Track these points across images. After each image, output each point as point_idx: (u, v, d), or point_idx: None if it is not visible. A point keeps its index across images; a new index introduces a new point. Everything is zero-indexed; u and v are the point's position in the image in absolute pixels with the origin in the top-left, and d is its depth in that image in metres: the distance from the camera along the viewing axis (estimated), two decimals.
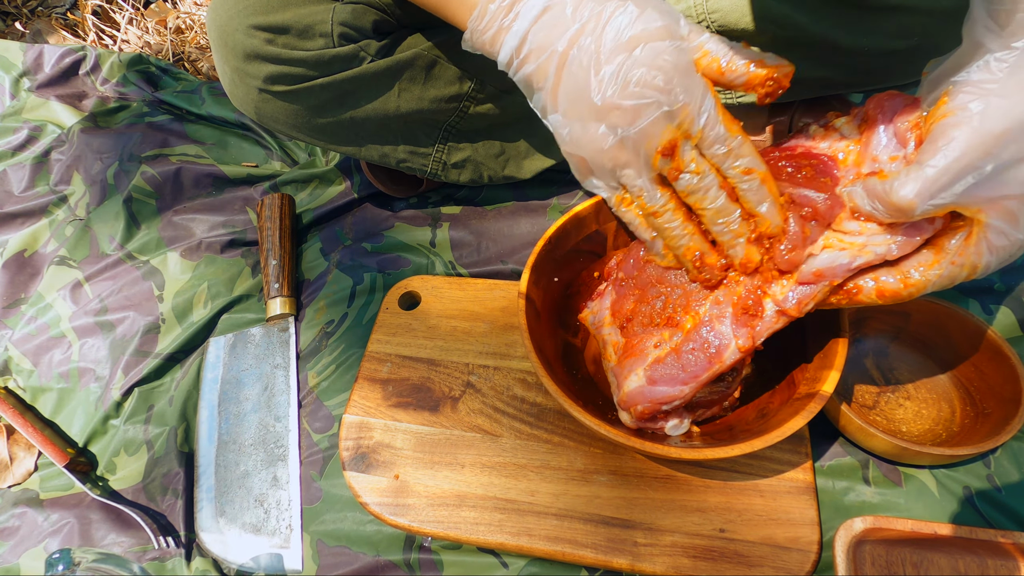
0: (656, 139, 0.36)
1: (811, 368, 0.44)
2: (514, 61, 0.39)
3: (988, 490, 0.49)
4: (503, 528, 0.49)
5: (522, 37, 0.37)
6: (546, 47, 0.37)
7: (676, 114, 0.35)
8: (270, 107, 0.57)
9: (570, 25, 0.36)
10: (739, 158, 0.36)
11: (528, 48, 0.37)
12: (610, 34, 0.35)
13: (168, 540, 0.55)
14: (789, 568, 0.45)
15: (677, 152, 0.36)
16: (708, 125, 0.36)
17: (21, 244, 0.79)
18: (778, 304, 0.39)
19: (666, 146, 0.36)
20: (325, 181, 0.79)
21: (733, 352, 0.40)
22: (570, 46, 0.36)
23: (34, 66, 0.96)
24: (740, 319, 0.40)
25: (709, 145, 0.36)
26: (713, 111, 0.36)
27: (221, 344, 0.67)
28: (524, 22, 0.37)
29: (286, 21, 0.52)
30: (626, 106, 0.35)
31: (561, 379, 0.46)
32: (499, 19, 0.38)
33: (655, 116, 0.35)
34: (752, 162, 0.36)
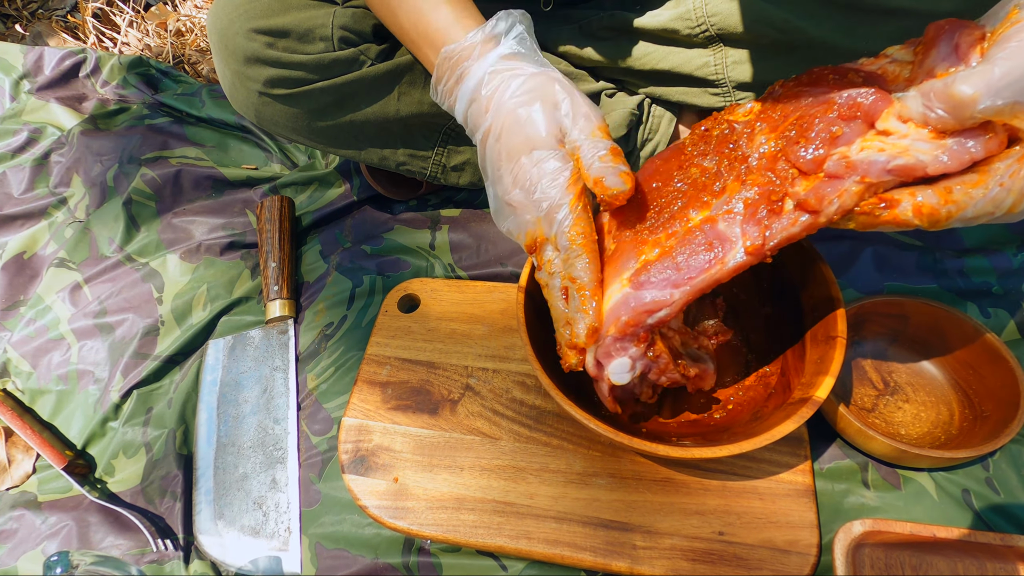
0: (525, 237, 0.43)
1: (807, 373, 0.44)
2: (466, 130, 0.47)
3: (987, 493, 0.49)
4: (502, 531, 0.49)
5: (463, 115, 0.46)
6: (475, 130, 0.45)
7: (537, 221, 0.42)
8: (270, 110, 0.57)
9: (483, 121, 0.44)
10: (572, 267, 0.41)
11: (468, 124, 0.46)
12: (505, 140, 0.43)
13: (166, 543, 0.55)
14: (788, 571, 0.45)
15: (539, 249, 0.43)
16: (558, 235, 0.41)
17: (20, 246, 0.79)
18: (798, 200, 0.34)
19: (529, 245, 0.43)
20: (325, 184, 0.79)
21: (738, 253, 0.36)
22: (485, 138, 0.44)
23: (34, 68, 0.96)
24: (753, 217, 0.36)
25: (559, 250, 0.42)
26: (566, 223, 0.41)
27: (220, 346, 0.67)
28: (462, 104, 0.46)
29: (286, 25, 0.52)
30: (513, 202, 0.43)
31: (557, 375, 0.46)
32: (447, 98, 0.47)
33: (525, 218, 0.43)
34: (579, 273, 0.40)
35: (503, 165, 0.43)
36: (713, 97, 0.62)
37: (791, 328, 0.48)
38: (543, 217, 0.42)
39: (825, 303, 0.45)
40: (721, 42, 0.59)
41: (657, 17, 0.59)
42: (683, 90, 0.63)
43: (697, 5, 0.58)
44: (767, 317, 0.52)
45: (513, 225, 0.44)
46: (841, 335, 0.42)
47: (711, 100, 0.62)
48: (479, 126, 0.44)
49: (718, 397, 0.51)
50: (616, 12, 0.61)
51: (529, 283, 0.49)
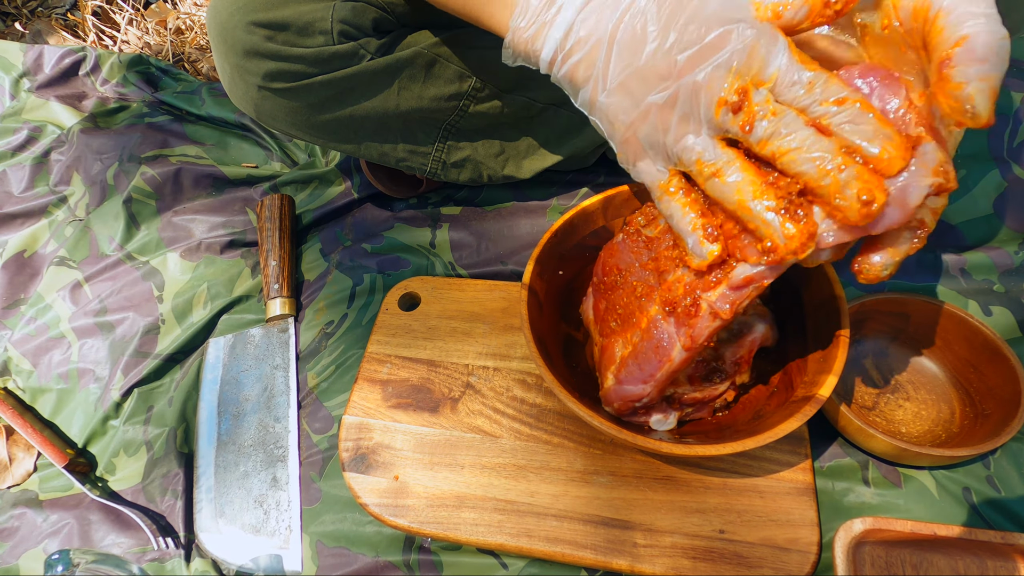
0: (719, 89, 0.31)
1: (810, 372, 0.44)
2: (558, 57, 0.36)
3: (987, 491, 0.49)
4: (503, 529, 0.49)
5: (567, 28, 0.35)
6: (594, 32, 0.34)
7: (742, 56, 0.30)
8: (269, 105, 0.57)
9: (619, 4, 0.33)
10: (826, 90, 0.30)
11: (574, 38, 0.35)
12: (670, 8, 0.32)
13: (167, 541, 0.55)
14: (789, 569, 0.45)
15: (749, 99, 0.31)
16: (783, 66, 0.30)
17: (21, 245, 0.79)
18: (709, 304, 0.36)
19: (734, 94, 0.31)
20: (325, 182, 0.79)
21: (679, 353, 0.39)
22: (619, 23, 0.33)
23: (34, 67, 0.96)
24: (680, 318, 0.38)
25: (787, 87, 0.30)
26: (786, 49, 0.30)
27: (221, 345, 0.67)
28: (569, 12, 0.35)
29: (286, 18, 0.52)
30: (683, 59, 0.31)
31: (560, 371, 0.46)
32: (542, 14, 0.36)
33: (718, 62, 0.31)
34: (843, 91, 0.30)
35: (662, 35, 0.32)
36: None
37: (794, 327, 0.48)
38: (748, 49, 0.30)
39: (828, 301, 0.44)
40: None
41: None
42: None
43: None
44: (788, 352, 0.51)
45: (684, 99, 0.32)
46: (845, 333, 0.42)
47: None
48: (611, 15, 0.34)
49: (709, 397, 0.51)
50: None
51: (532, 279, 0.49)
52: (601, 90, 0.36)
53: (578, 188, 0.72)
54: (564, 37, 0.36)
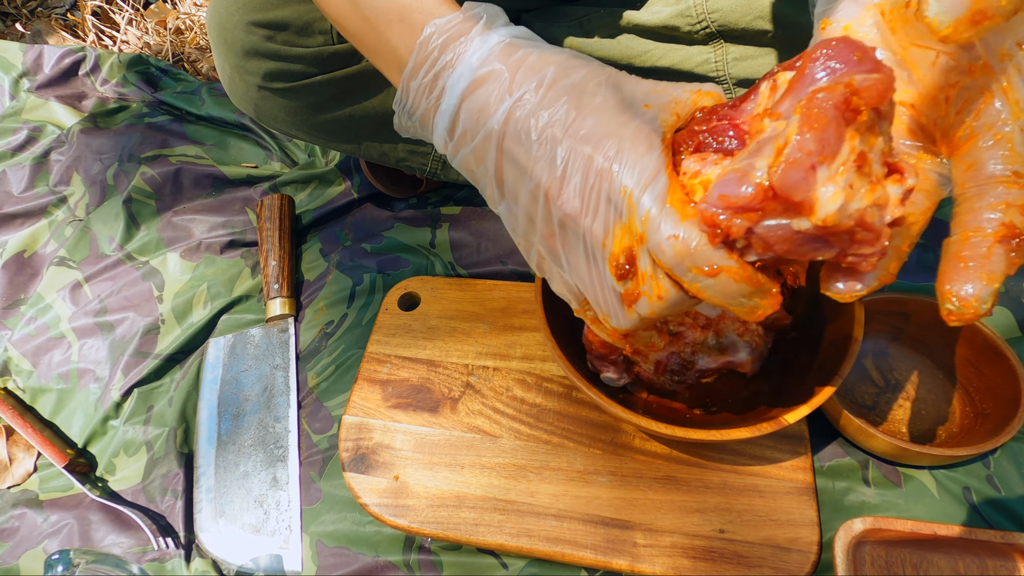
0: (608, 243, 0.28)
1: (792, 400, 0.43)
2: (448, 145, 0.33)
3: (987, 491, 0.49)
4: (503, 529, 0.49)
5: (452, 117, 0.31)
6: (480, 124, 0.30)
7: (622, 207, 0.27)
8: (269, 104, 0.57)
9: (505, 97, 0.29)
10: (694, 257, 0.26)
11: (460, 128, 0.31)
12: (552, 106, 0.29)
13: (168, 541, 0.55)
14: (789, 569, 0.45)
15: (635, 265, 0.28)
16: (650, 223, 0.26)
17: (21, 245, 0.79)
18: None
19: (619, 262, 0.28)
20: (325, 182, 0.79)
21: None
22: (507, 122, 0.29)
23: (34, 67, 0.96)
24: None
25: (656, 253, 0.27)
26: (657, 193, 0.27)
27: (221, 345, 0.67)
28: (452, 98, 0.31)
29: (285, 18, 0.52)
30: (571, 192, 0.28)
31: (560, 324, 0.47)
32: (423, 98, 0.32)
33: (600, 214, 0.28)
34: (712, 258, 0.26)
35: (546, 153, 0.29)
36: None
37: (808, 357, 0.47)
38: (622, 192, 0.27)
39: (843, 340, 0.43)
40: (722, 39, 0.59)
41: (657, 14, 0.59)
42: None
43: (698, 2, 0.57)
44: (788, 341, 0.50)
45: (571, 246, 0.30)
46: (840, 374, 0.41)
47: None
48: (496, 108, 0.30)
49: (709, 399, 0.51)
50: (616, 9, 0.61)
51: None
52: (498, 198, 0.32)
53: None
54: (450, 126, 0.32)
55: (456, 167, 0.34)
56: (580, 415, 0.54)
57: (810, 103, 0.23)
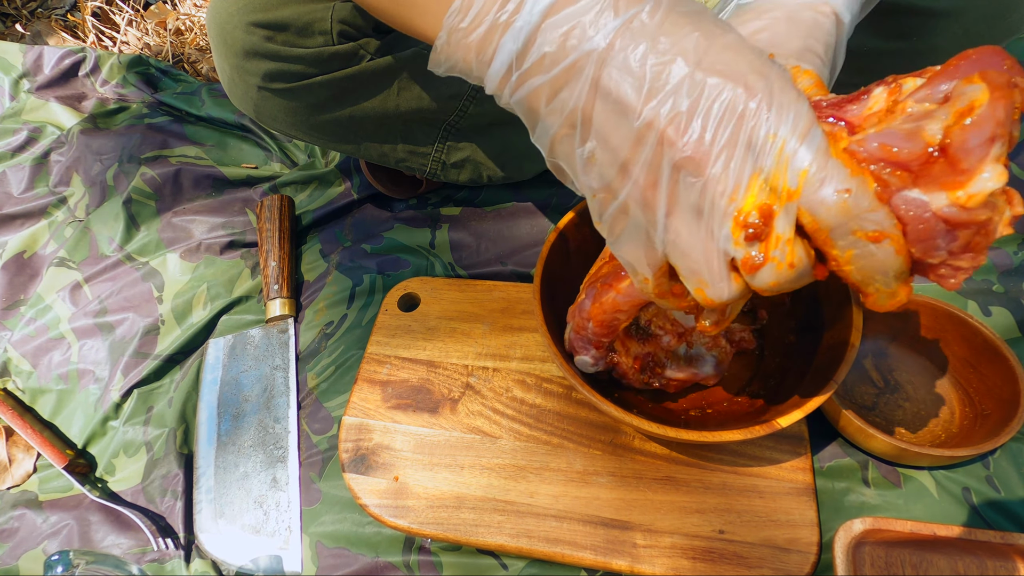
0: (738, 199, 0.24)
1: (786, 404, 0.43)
2: (514, 73, 0.26)
3: (987, 491, 0.49)
4: (502, 529, 0.49)
5: (529, 35, 0.25)
6: (571, 49, 0.24)
7: (772, 155, 0.23)
8: (269, 105, 0.57)
9: (608, 21, 0.24)
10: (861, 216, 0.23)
11: (538, 51, 0.25)
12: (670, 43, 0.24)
13: (167, 542, 0.55)
14: (788, 569, 0.45)
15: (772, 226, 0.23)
16: (812, 178, 0.23)
17: (20, 245, 0.79)
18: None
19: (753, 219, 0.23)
20: (325, 182, 0.79)
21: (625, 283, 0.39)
22: (611, 45, 0.24)
23: (34, 67, 0.96)
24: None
25: (816, 204, 0.23)
26: (816, 146, 0.23)
27: (220, 345, 0.67)
28: (531, 15, 0.25)
29: (285, 18, 0.52)
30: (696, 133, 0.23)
31: (561, 321, 0.47)
32: (492, 11, 0.26)
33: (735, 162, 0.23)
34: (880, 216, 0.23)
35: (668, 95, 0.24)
36: None
37: (805, 362, 0.47)
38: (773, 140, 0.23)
39: (840, 345, 0.43)
40: None
41: None
42: None
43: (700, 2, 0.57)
44: (787, 345, 0.51)
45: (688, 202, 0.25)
46: (836, 380, 0.41)
47: None
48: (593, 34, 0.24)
49: (705, 401, 0.51)
50: None
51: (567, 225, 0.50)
52: (577, 141, 0.26)
53: None
54: (523, 48, 0.25)
55: (510, 105, 0.28)
56: (580, 416, 0.54)
57: (995, 76, 0.22)
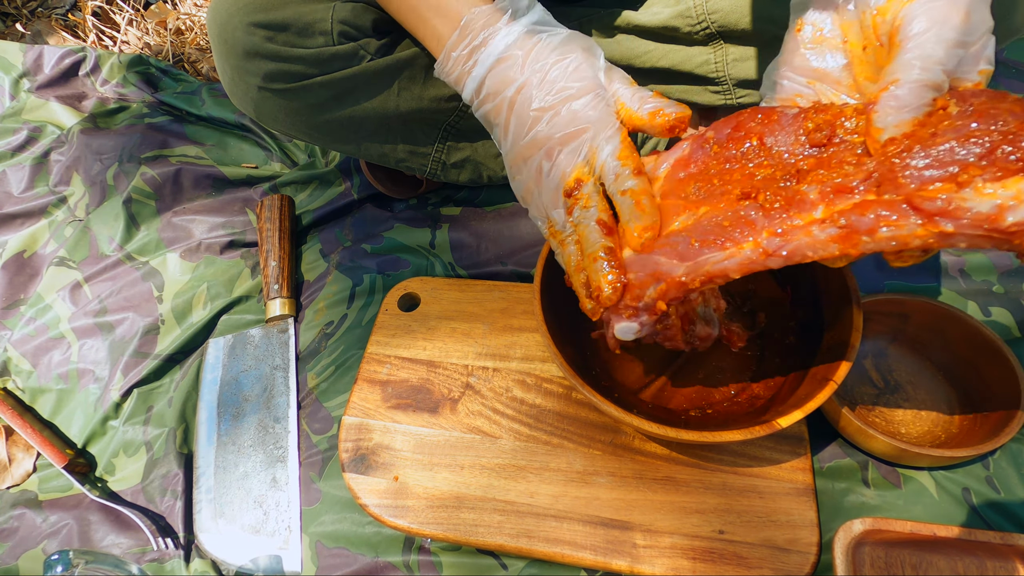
0: (563, 179, 0.41)
1: (786, 404, 0.43)
2: (475, 100, 0.45)
3: (987, 492, 0.49)
4: (502, 530, 0.49)
5: (479, 82, 0.44)
6: (499, 92, 0.43)
7: (585, 152, 0.41)
8: (269, 105, 0.57)
9: (518, 76, 0.42)
10: (625, 183, 0.39)
11: (485, 91, 0.44)
12: (547, 88, 0.42)
13: (167, 541, 0.55)
14: (788, 569, 0.45)
15: (580, 187, 0.41)
16: (608, 161, 0.40)
17: (20, 245, 0.79)
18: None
19: (571, 184, 0.41)
20: (325, 182, 0.79)
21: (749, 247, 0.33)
22: (517, 93, 0.43)
23: (34, 67, 0.96)
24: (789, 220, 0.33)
25: (607, 180, 0.40)
26: (614, 147, 0.40)
27: (220, 345, 0.67)
28: (481, 69, 0.44)
29: (286, 19, 0.52)
30: (553, 144, 0.41)
31: (560, 321, 0.47)
32: (461, 64, 0.45)
33: (567, 152, 0.41)
34: (634, 183, 0.39)
35: (540, 116, 0.42)
36: (713, 95, 0.62)
37: (805, 362, 0.47)
38: (589, 145, 0.40)
39: (840, 346, 0.43)
40: (721, 39, 0.59)
41: (657, 15, 0.59)
42: (684, 88, 0.63)
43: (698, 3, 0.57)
44: (787, 346, 0.51)
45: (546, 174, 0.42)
46: (836, 380, 0.41)
47: (711, 98, 0.62)
48: (511, 83, 0.43)
49: (705, 402, 0.51)
50: (616, 10, 0.61)
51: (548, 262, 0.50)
52: (504, 142, 0.44)
53: None
54: (478, 88, 0.44)
55: (477, 116, 0.46)
56: (580, 416, 0.54)
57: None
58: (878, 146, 0.33)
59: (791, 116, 0.36)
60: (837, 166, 0.33)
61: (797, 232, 0.32)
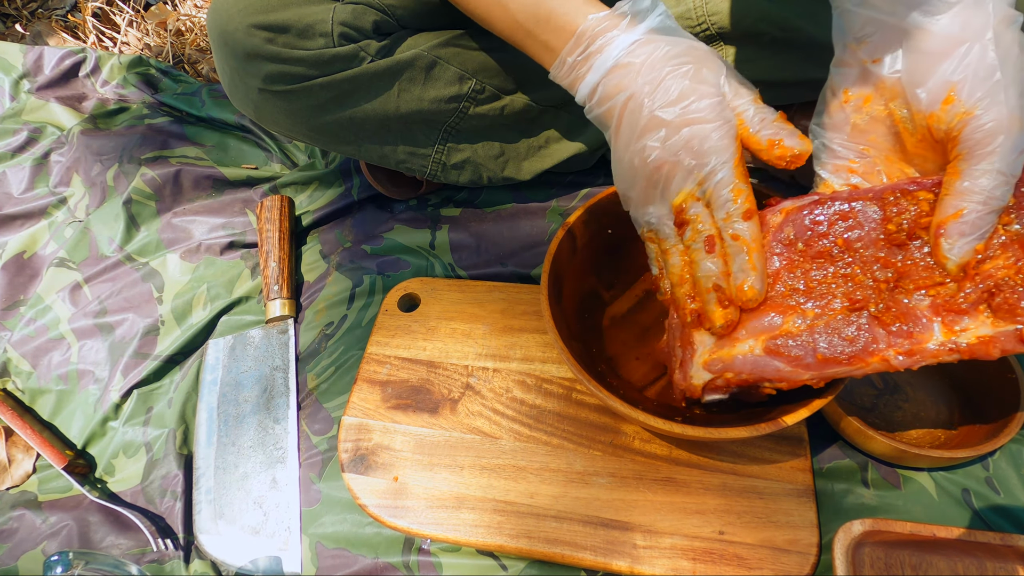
0: (676, 193, 0.40)
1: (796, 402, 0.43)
2: (587, 103, 0.44)
3: (987, 493, 0.49)
4: (502, 530, 0.49)
5: (593, 87, 0.42)
6: (613, 96, 0.42)
7: (696, 176, 0.39)
8: (270, 107, 0.57)
9: (631, 85, 0.40)
10: (734, 224, 0.39)
11: (599, 95, 0.42)
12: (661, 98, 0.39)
13: (167, 542, 0.55)
14: (788, 570, 0.45)
15: (687, 208, 0.40)
16: (717, 189, 0.39)
17: (20, 246, 0.79)
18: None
19: (679, 204, 0.40)
20: (325, 183, 0.79)
21: (877, 362, 0.37)
22: (628, 100, 0.41)
23: (34, 68, 0.96)
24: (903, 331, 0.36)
25: (715, 209, 0.39)
26: (726, 177, 0.38)
27: (220, 346, 0.67)
28: (596, 75, 0.42)
29: (286, 20, 0.52)
30: (664, 160, 0.40)
31: (566, 318, 0.47)
32: (576, 70, 0.43)
33: (680, 173, 0.39)
34: (744, 230, 0.38)
35: (651, 126, 0.39)
36: None
37: None
38: (701, 171, 0.39)
39: None
40: (721, 41, 0.59)
41: None
42: None
43: (697, 4, 0.58)
44: None
45: (655, 189, 0.41)
46: (843, 381, 0.41)
47: None
48: (623, 90, 0.41)
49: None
50: None
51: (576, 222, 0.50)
52: (615, 146, 0.43)
53: (578, 190, 0.72)
54: (591, 92, 0.43)
55: (590, 117, 0.44)
56: (580, 416, 0.54)
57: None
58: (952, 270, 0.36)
59: (870, 215, 0.39)
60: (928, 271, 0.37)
61: (923, 351, 0.36)
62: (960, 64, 0.34)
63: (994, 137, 0.33)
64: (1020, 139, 0.33)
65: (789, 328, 0.38)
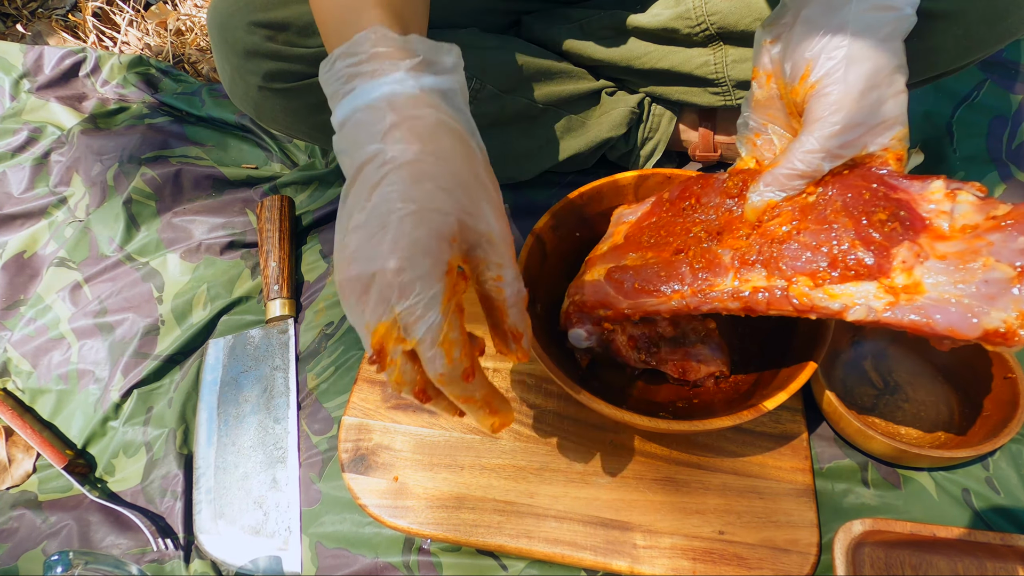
0: (372, 330, 0.32)
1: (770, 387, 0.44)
2: (336, 125, 0.37)
3: (987, 493, 0.49)
4: (502, 530, 0.49)
5: (347, 115, 0.35)
6: (347, 151, 0.35)
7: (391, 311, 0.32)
8: (270, 104, 0.57)
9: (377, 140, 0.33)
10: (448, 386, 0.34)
11: (347, 129, 0.36)
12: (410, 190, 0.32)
13: (167, 542, 0.55)
14: (788, 570, 0.45)
15: (389, 353, 0.33)
16: (423, 343, 0.32)
17: (20, 245, 0.79)
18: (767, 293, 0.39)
19: (377, 344, 0.32)
20: (325, 183, 0.79)
21: (676, 299, 0.41)
22: (370, 160, 0.33)
23: (34, 68, 0.96)
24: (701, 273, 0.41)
25: (420, 357, 0.33)
26: (432, 323, 0.31)
27: (220, 346, 0.67)
28: (355, 102, 0.35)
29: (286, 18, 0.52)
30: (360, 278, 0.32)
31: (543, 322, 0.48)
32: (340, 81, 0.37)
33: (376, 302, 0.32)
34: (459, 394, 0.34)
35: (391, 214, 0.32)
36: (713, 96, 0.62)
37: (784, 345, 0.48)
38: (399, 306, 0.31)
39: (816, 325, 0.45)
40: (721, 41, 0.59)
41: (657, 16, 0.59)
42: (683, 89, 0.63)
43: (697, 4, 0.58)
44: (768, 331, 0.51)
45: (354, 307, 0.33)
46: (817, 359, 0.43)
47: (711, 99, 0.62)
48: (375, 138, 0.33)
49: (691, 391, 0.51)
50: (616, 11, 0.61)
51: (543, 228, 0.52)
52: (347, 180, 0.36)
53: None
54: (343, 120, 0.36)
55: (333, 141, 0.37)
56: (580, 416, 0.54)
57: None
58: (753, 219, 0.41)
59: (721, 180, 0.45)
60: (740, 223, 0.42)
61: (712, 295, 0.40)
62: (819, 42, 0.37)
63: (825, 111, 0.36)
64: (848, 116, 0.36)
65: (627, 263, 0.45)
